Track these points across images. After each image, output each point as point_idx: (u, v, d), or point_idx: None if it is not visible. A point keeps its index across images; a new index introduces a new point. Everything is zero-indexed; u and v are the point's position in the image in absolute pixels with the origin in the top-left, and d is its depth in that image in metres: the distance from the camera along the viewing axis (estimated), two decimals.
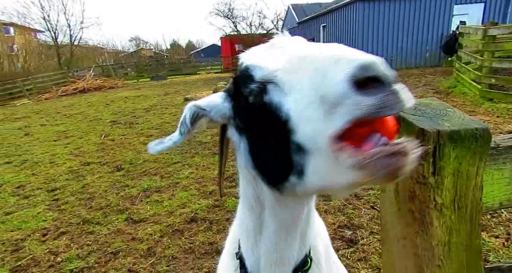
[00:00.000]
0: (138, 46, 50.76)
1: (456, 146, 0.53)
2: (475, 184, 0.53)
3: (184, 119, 0.73)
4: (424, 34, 15.26)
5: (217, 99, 0.76)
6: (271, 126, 0.61)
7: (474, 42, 7.86)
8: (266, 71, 0.62)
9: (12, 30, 30.45)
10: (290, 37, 0.74)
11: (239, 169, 0.81)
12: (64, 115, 11.05)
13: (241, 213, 0.85)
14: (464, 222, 0.53)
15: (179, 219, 3.34)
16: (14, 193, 4.48)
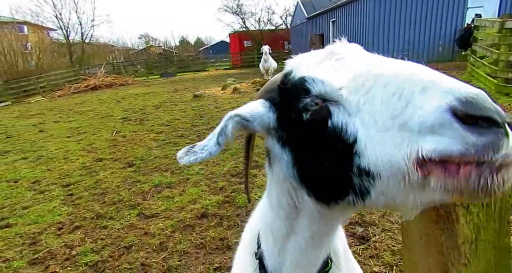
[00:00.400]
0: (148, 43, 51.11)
1: None
2: None
3: (224, 130, 0.67)
4: (437, 28, 14.91)
5: (260, 108, 0.70)
6: (329, 146, 0.57)
7: (490, 36, 7.63)
8: (328, 87, 0.57)
9: (26, 29, 31.04)
10: (348, 44, 0.69)
11: (273, 177, 0.78)
12: (77, 112, 11.24)
13: (269, 219, 0.82)
14: (493, 220, 0.51)
15: (190, 215, 3.37)
16: (31, 188, 4.60)
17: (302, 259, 0.79)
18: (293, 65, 0.68)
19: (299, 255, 0.78)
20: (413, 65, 0.54)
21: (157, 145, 5.98)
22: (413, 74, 0.50)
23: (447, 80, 0.47)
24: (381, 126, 0.50)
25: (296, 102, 0.61)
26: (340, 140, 0.55)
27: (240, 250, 1.03)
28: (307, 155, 0.63)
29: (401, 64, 0.54)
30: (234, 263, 1.06)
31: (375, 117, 0.51)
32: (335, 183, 0.59)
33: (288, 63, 0.70)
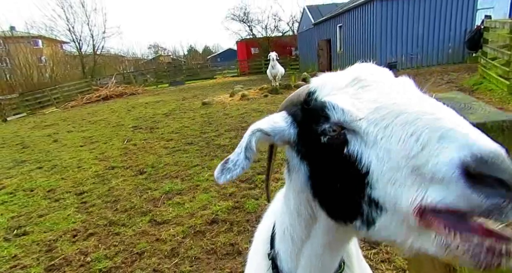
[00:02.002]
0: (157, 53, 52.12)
1: None
2: None
3: (250, 145, 0.69)
4: (446, 30, 14.78)
5: (281, 123, 0.71)
6: (343, 172, 0.58)
7: (501, 37, 7.53)
8: (347, 116, 0.58)
9: (41, 43, 32.11)
10: (376, 69, 0.68)
11: (291, 184, 0.79)
12: (89, 121, 11.50)
13: (287, 224, 0.84)
14: None
15: (201, 221, 3.40)
16: (46, 196, 4.72)
17: (317, 263, 0.80)
18: (317, 85, 0.68)
19: (314, 259, 0.80)
20: (438, 107, 0.53)
21: (167, 153, 6.07)
22: (435, 118, 0.49)
23: (467, 131, 0.45)
24: (394, 164, 0.50)
25: (316, 125, 0.63)
26: (354, 168, 0.56)
27: (253, 251, 1.05)
28: (323, 174, 0.65)
29: (426, 103, 0.54)
30: (247, 263, 1.08)
31: (390, 154, 0.51)
32: (346, 206, 0.61)
33: (313, 81, 0.71)
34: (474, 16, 14.39)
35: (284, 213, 0.85)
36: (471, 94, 7.40)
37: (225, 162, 0.70)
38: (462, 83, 8.94)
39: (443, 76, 11.13)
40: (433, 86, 9.34)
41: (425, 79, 11.20)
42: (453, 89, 8.36)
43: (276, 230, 0.90)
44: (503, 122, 0.52)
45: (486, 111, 0.55)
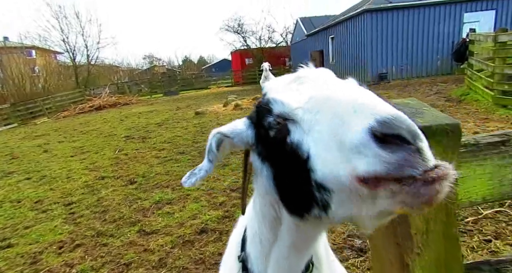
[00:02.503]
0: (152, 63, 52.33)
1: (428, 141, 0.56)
2: None
3: (211, 147, 0.74)
4: (434, 42, 15.19)
5: (241, 126, 0.77)
6: (291, 162, 0.61)
7: (485, 49, 7.78)
8: (286, 107, 0.63)
9: (34, 53, 32.05)
10: (316, 70, 0.74)
11: (257, 189, 0.82)
12: (81, 131, 11.42)
13: (255, 228, 0.86)
14: (441, 212, 0.56)
15: (190, 230, 3.38)
16: (33, 207, 4.64)
17: (284, 264, 0.82)
18: (268, 88, 0.74)
19: (281, 260, 0.82)
20: (360, 90, 0.58)
21: (158, 162, 6.04)
22: (353, 98, 0.53)
23: (376, 103, 0.51)
24: (326, 144, 0.54)
25: (264, 120, 0.68)
26: (297, 156, 0.60)
27: (226, 255, 1.07)
28: (280, 171, 0.68)
29: (350, 90, 0.59)
30: (221, 265, 1.10)
31: (322, 135, 0.55)
32: (301, 197, 0.63)
33: (265, 85, 0.77)
34: (461, 29, 14.85)
35: (253, 217, 0.88)
36: (458, 104, 7.58)
37: (193, 169, 0.75)
38: (450, 94, 9.14)
39: (432, 87, 11.37)
40: (423, 96, 9.53)
41: (415, 89, 11.44)
42: (441, 99, 8.55)
43: (247, 233, 0.93)
44: (447, 125, 0.56)
45: (434, 116, 0.59)
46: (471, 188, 0.65)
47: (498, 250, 2.31)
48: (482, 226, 2.69)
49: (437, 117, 0.59)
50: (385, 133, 0.46)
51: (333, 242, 2.83)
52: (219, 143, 0.76)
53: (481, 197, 0.67)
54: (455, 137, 0.56)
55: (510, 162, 0.65)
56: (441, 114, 0.61)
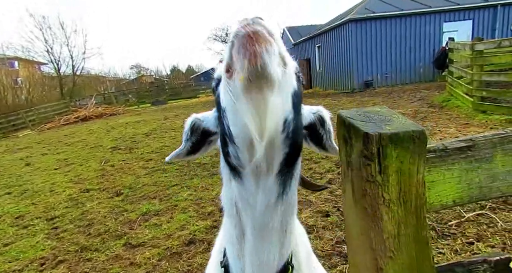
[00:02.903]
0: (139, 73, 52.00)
1: (397, 147, 0.59)
2: (417, 181, 0.59)
3: (186, 128, 0.92)
4: (416, 50, 15.70)
5: (211, 112, 0.92)
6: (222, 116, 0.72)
7: (463, 57, 8.09)
8: (217, 71, 0.79)
9: (17, 64, 31.43)
10: None
11: (222, 177, 0.88)
12: (65, 143, 11.17)
13: (225, 222, 0.90)
14: (411, 215, 0.58)
15: (178, 242, 3.32)
16: (13, 223, 4.48)
17: (257, 259, 0.81)
18: None
19: (254, 255, 0.81)
20: None
21: (146, 173, 5.96)
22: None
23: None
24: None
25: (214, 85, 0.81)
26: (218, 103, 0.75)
27: (210, 263, 1.06)
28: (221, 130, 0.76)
29: None
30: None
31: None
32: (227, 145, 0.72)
33: None
34: (441, 38, 15.42)
35: (224, 214, 0.90)
36: (440, 110, 7.80)
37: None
38: (433, 100, 9.41)
39: (415, 93, 11.68)
40: (407, 103, 9.78)
41: (399, 96, 11.73)
42: (424, 105, 8.79)
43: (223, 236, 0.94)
44: (413, 132, 0.59)
45: (401, 123, 0.62)
46: (442, 191, 0.68)
47: (480, 252, 2.36)
48: (465, 229, 2.75)
49: (404, 125, 0.61)
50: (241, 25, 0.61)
51: (322, 249, 2.84)
52: (192, 124, 0.92)
53: (452, 200, 0.69)
54: (421, 142, 0.59)
55: (476, 166, 0.68)
56: (409, 122, 0.63)
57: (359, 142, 0.61)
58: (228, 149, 0.72)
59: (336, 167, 4.77)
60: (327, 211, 3.52)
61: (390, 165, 0.58)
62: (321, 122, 0.89)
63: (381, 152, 0.59)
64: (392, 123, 0.62)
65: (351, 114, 0.69)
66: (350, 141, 0.64)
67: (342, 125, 0.68)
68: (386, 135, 0.58)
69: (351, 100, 12.32)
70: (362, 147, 0.60)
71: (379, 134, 0.58)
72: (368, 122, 0.64)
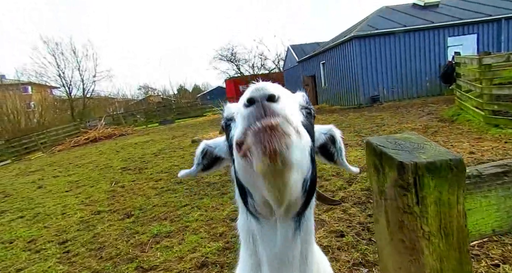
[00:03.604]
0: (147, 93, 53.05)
1: (434, 177, 0.57)
2: (458, 212, 0.57)
3: (197, 153, 0.95)
4: (422, 65, 15.76)
5: (221, 139, 0.94)
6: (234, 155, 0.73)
7: (471, 71, 8.07)
8: (229, 110, 0.82)
9: (30, 89, 32.46)
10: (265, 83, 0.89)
11: (237, 205, 0.88)
12: (76, 165, 11.29)
13: (241, 253, 0.88)
14: (453, 249, 0.55)
15: (190, 265, 3.25)
16: (26, 248, 4.47)
17: None
18: None
19: None
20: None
21: (156, 193, 5.94)
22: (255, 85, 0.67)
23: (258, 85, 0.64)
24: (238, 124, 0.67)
25: (223, 123, 0.85)
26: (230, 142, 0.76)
27: None
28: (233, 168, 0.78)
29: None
30: None
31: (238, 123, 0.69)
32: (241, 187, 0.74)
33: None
34: (446, 52, 15.48)
35: (241, 243, 0.89)
36: (451, 125, 7.71)
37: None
38: (442, 114, 9.32)
39: (423, 108, 11.61)
40: (416, 117, 9.70)
41: (407, 111, 11.66)
42: (433, 120, 8.70)
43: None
44: (450, 160, 0.57)
45: (436, 151, 0.61)
46: (480, 220, 0.65)
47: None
48: (488, 250, 2.63)
49: (440, 152, 0.60)
50: (248, 98, 0.60)
51: (339, 271, 2.74)
52: (203, 151, 0.95)
53: (491, 229, 0.66)
54: (458, 172, 0.57)
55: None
56: (443, 149, 0.62)
57: (393, 172, 0.60)
58: (247, 199, 0.74)
59: (348, 184, 4.69)
60: (342, 231, 3.42)
61: (428, 196, 0.57)
62: (332, 141, 0.92)
63: (418, 182, 0.57)
64: (426, 151, 0.61)
65: (381, 142, 0.68)
66: (382, 170, 0.63)
67: (373, 153, 0.67)
68: (422, 164, 0.57)
69: (359, 115, 12.29)
70: (397, 177, 0.59)
71: (415, 163, 0.57)
72: (400, 150, 0.63)
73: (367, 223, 3.46)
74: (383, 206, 0.65)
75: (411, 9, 17.73)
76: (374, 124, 9.50)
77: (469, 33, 15.53)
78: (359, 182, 4.67)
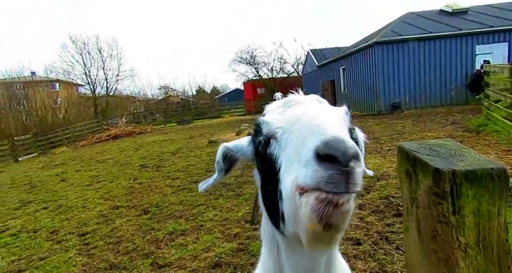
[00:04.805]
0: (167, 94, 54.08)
1: (473, 186, 0.55)
2: (499, 224, 0.54)
3: (218, 158, 0.89)
4: (447, 72, 15.24)
5: (244, 143, 0.89)
6: (270, 173, 0.71)
7: (501, 80, 7.73)
8: (270, 127, 0.74)
9: (57, 86, 33.87)
10: (303, 96, 0.84)
11: (260, 205, 0.87)
12: (97, 160, 11.65)
13: (263, 255, 0.88)
14: (492, 264, 0.52)
15: (203, 264, 3.27)
16: (49, 238, 4.64)
17: None
18: (267, 109, 0.86)
19: None
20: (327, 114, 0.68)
21: (172, 191, 6.03)
22: (316, 119, 0.63)
23: (327, 126, 0.60)
24: (291, 159, 0.64)
25: (257, 138, 0.78)
26: (273, 168, 0.69)
27: None
28: (265, 182, 0.76)
29: (320, 113, 0.68)
30: None
31: (290, 151, 0.65)
32: (274, 207, 0.70)
33: (266, 107, 0.88)
34: (473, 61, 14.92)
35: (262, 246, 0.89)
36: (478, 135, 7.40)
37: (207, 179, 0.89)
38: (467, 124, 8.97)
39: (447, 117, 11.22)
40: (439, 126, 9.39)
41: (430, 119, 11.31)
42: (458, 130, 8.39)
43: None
44: (492, 170, 0.55)
45: (475, 159, 0.58)
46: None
47: None
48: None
49: (480, 161, 0.57)
50: (325, 153, 0.54)
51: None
52: (224, 155, 0.90)
53: None
54: (501, 182, 0.55)
55: None
56: (483, 157, 0.60)
57: (428, 179, 0.58)
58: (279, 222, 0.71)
59: (366, 192, 4.59)
60: (358, 239, 3.35)
61: (466, 206, 0.54)
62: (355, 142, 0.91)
63: (455, 191, 0.55)
64: (464, 159, 0.59)
65: (415, 147, 0.66)
66: (415, 177, 0.61)
67: (405, 158, 0.65)
68: (460, 172, 0.55)
69: (378, 123, 12.03)
70: (431, 184, 0.57)
71: (453, 170, 0.55)
72: (436, 156, 0.61)
73: (386, 232, 3.37)
74: (414, 214, 0.63)
75: (437, 16, 17.23)
76: (394, 132, 9.26)
77: (500, 41, 14.90)
78: (378, 190, 4.56)
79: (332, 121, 0.64)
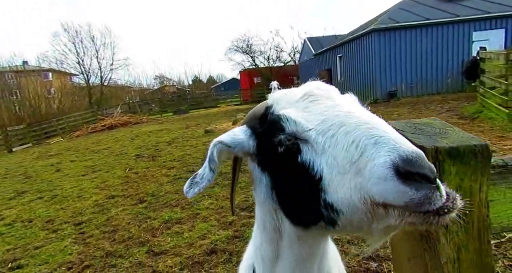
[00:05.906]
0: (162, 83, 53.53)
1: (456, 162, 0.54)
2: (480, 200, 0.53)
3: (212, 157, 0.73)
4: (443, 60, 15.19)
5: (241, 135, 0.76)
6: (299, 178, 0.63)
7: (497, 67, 7.72)
8: (299, 127, 0.64)
9: (50, 75, 33.34)
10: (324, 86, 0.73)
11: (256, 199, 0.82)
12: (92, 151, 11.59)
13: (258, 242, 0.85)
14: (472, 239, 0.52)
15: (199, 251, 3.30)
16: (44, 227, 4.64)
17: None
18: (274, 100, 0.75)
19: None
20: (371, 118, 0.62)
21: (168, 181, 6.04)
22: (370, 127, 0.57)
23: (395, 137, 0.54)
24: (341, 169, 0.57)
25: (273, 136, 0.68)
26: (308, 175, 0.62)
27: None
28: (282, 182, 0.70)
29: (362, 115, 0.62)
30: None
31: (337, 160, 0.58)
32: (307, 211, 0.65)
33: (270, 96, 0.78)
34: (470, 48, 14.85)
35: (256, 232, 0.87)
36: (472, 122, 7.44)
37: (193, 177, 0.73)
38: (463, 111, 9.01)
39: (443, 104, 11.25)
40: (434, 114, 9.42)
41: (426, 107, 11.33)
42: (453, 117, 8.42)
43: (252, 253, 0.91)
44: (475, 146, 0.54)
45: (459, 136, 0.57)
46: (502, 212, 0.62)
47: None
48: (506, 250, 2.55)
49: (464, 138, 0.57)
50: (409, 170, 0.49)
51: (348, 264, 2.72)
52: (219, 153, 0.75)
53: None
54: (484, 158, 0.54)
55: None
56: (467, 134, 0.59)
57: None
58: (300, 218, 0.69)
59: None
60: None
61: (448, 182, 0.53)
62: None
63: (438, 168, 0.54)
64: (448, 136, 0.58)
65: (400, 126, 0.65)
66: None
67: None
68: (443, 149, 0.54)
69: (374, 111, 11.58)
70: None
71: (436, 147, 0.54)
72: (421, 134, 0.60)
73: None
74: None
75: (434, 2, 17.01)
76: (390, 120, 9.25)
77: (497, 27, 14.81)
78: None
79: (387, 127, 0.58)
